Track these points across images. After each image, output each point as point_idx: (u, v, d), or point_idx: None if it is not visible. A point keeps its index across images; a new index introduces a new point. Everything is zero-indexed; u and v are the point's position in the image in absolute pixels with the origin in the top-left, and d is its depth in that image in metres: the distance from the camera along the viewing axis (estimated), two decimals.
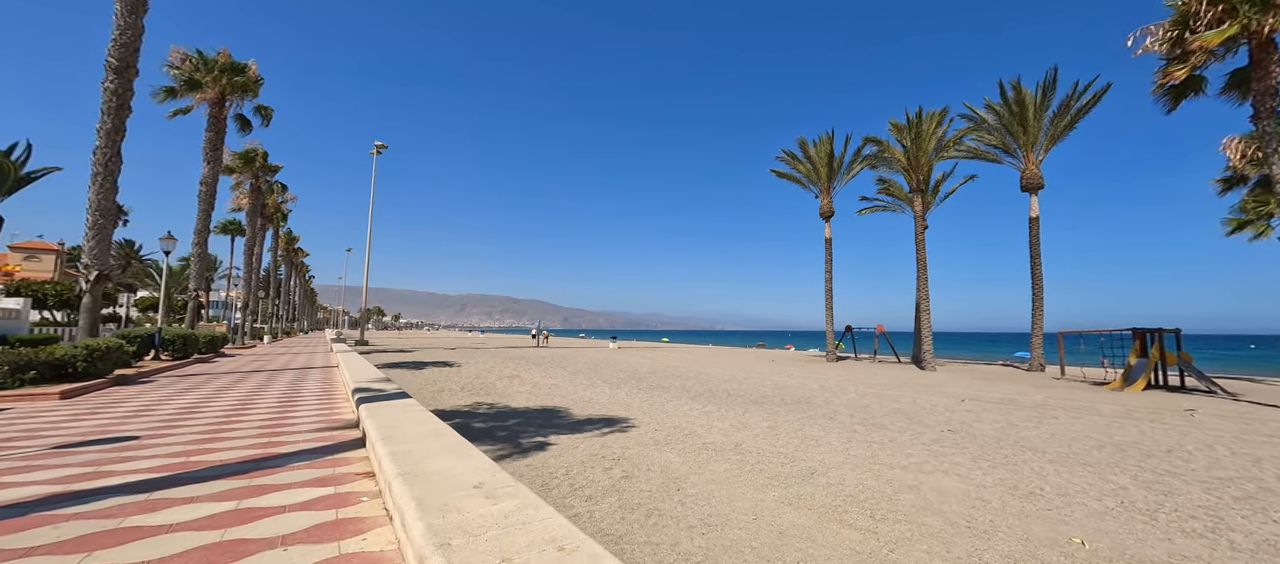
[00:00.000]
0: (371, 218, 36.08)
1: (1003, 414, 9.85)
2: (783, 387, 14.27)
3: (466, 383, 13.41)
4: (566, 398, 11.01)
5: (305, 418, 6.18)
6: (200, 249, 21.00)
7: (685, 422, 8.45)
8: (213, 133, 21.27)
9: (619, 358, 26.65)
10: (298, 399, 7.73)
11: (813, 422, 8.71)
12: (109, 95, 11.84)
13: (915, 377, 18.14)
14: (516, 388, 12.59)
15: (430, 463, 3.00)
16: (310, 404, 7.25)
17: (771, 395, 12.29)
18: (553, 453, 6.11)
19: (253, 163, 31.14)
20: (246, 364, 15.51)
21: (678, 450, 6.40)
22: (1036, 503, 4.65)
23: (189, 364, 15.41)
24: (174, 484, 3.47)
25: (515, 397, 10.99)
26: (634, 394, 11.96)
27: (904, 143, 21.60)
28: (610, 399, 11.01)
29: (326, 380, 10.65)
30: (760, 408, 10.19)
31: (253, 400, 7.66)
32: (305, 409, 6.77)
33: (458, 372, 16.42)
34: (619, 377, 16.21)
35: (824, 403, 11.03)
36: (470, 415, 8.60)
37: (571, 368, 19.25)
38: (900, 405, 10.83)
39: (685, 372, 18.74)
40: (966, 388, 14.70)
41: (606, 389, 12.78)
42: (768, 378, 16.95)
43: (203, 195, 21.08)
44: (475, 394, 11.29)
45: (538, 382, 14.11)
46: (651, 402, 10.78)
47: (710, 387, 13.97)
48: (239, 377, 11.69)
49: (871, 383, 15.76)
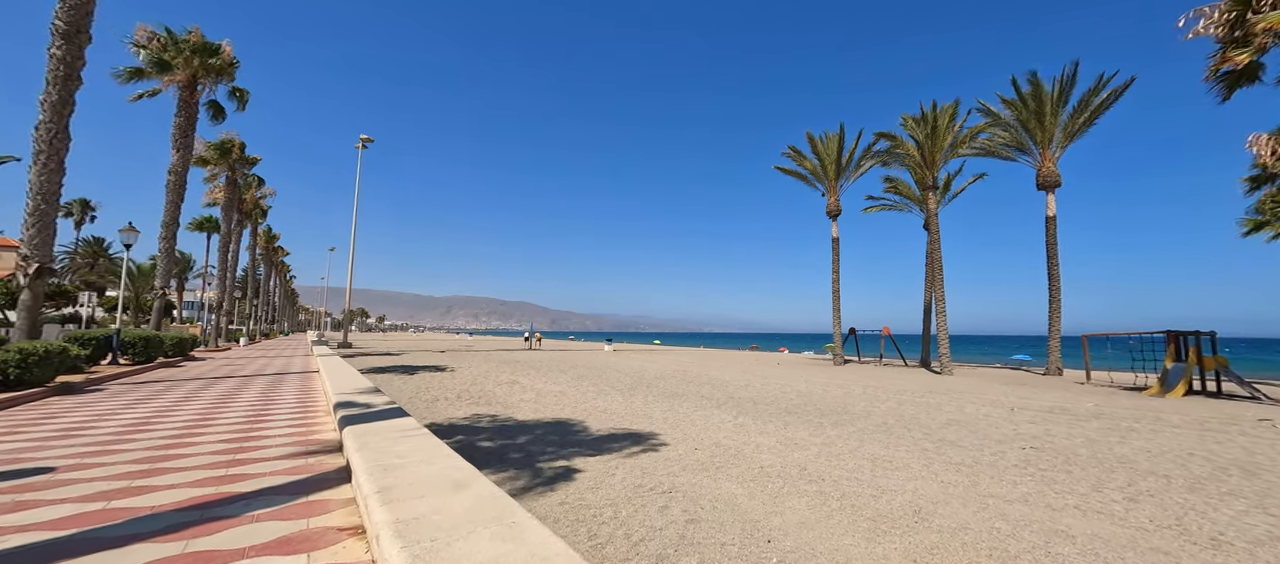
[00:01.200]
0: (356, 213, 34.49)
1: (1070, 426, 8.88)
2: (806, 393, 13.22)
3: (463, 390, 12.14)
4: (577, 408, 9.81)
5: (276, 438, 4.94)
6: (168, 244, 19.37)
7: (723, 437, 7.32)
8: (183, 118, 19.67)
9: (619, 361, 25.46)
10: (268, 413, 6.45)
11: (867, 436, 7.64)
12: (56, 63, 10.39)
13: (938, 382, 17.23)
14: (519, 396, 11.36)
15: (459, 546, 1.83)
16: (283, 419, 5.99)
17: (801, 404, 11.22)
18: (585, 483, 4.94)
19: (229, 154, 29.37)
20: (216, 369, 14.05)
21: (735, 478, 5.27)
22: (1232, 556, 3.60)
23: (151, 369, 13.92)
24: (69, 554, 2.25)
25: (520, 407, 9.77)
26: (651, 402, 10.81)
27: (917, 138, 20.78)
28: (627, 408, 9.84)
29: (304, 388, 9.34)
30: (799, 420, 9.11)
31: (215, 414, 6.37)
32: (276, 426, 5.51)
33: (452, 377, 15.11)
34: (627, 382, 15.04)
35: (864, 413, 9.98)
36: (473, 430, 7.38)
37: (573, 372, 18.03)
38: (950, 415, 9.82)
39: (694, 376, 17.63)
40: (1002, 394, 13.79)
41: (619, 397, 11.61)
42: (785, 383, 15.90)
43: (172, 185, 19.47)
44: (474, 404, 10.04)
45: (541, 389, 12.89)
46: (674, 412, 9.64)
47: (730, 393, 12.87)
48: (205, 384, 10.31)
49: (901, 389, 14.80)
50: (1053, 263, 20.22)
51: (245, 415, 6.27)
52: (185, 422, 5.84)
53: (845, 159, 25.22)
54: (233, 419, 5.99)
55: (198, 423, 5.76)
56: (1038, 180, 20.62)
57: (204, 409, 6.80)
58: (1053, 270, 20.20)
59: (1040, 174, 20.50)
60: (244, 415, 6.27)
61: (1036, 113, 19.88)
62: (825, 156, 25.30)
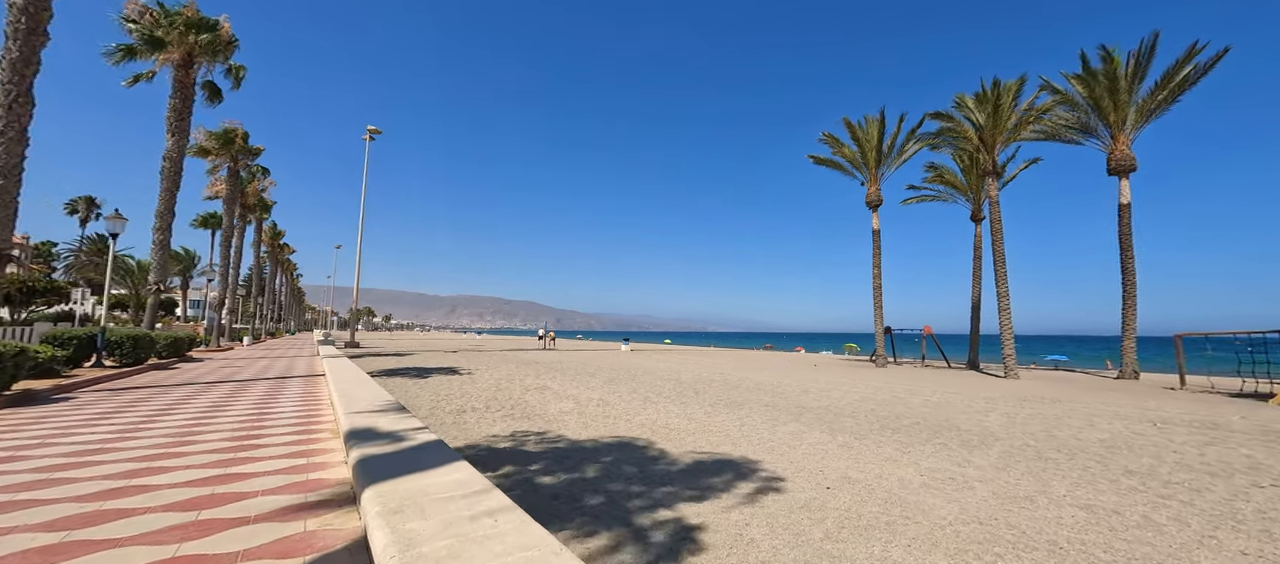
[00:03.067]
0: (363, 207, 33.06)
1: (1249, 447, 7.16)
2: (886, 402, 11.52)
3: (490, 398, 10.53)
4: (633, 422, 8.17)
5: (262, 480, 3.36)
6: (162, 235, 17.90)
7: (846, 467, 5.67)
8: (178, 100, 18.19)
9: (644, 362, 23.80)
10: (259, 434, 4.87)
11: (1032, 468, 5.96)
12: (16, 14, 8.84)
13: (1014, 387, 15.43)
14: (557, 406, 9.73)
15: None
16: (276, 444, 4.41)
17: (889, 415, 9.53)
18: (722, 555, 3.30)
19: (231, 144, 27.92)
20: (212, 372, 12.53)
21: (934, 546, 3.61)
22: None
23: (140, 372, 12.43)
24: None
25: (565, 421, 8.13)
26: (714, 414, 9.15)
27: (974, 119, 19.00)
28: (692, 422, 8.19)
29: (308, 396, 7.76)
30: (913, 439, 7.43)
31: (192, 435, 4.83)
32: (266, 458, 3.92)
33: (471, 381, 13.51)
34: (670, 388, 13.39)
35: (986, 431, 8.28)
36: (522, 457, 5.74)
37: (603, 375, 16.40)
38: (1098, 434, 8.10)
39: (737, 380, 15.96)
40: (1113, 404, 12.04)
41: (673, 407, 9.96)
42: (846, 388, 14.21)
43: (167, 173, 18.00)
44: (509, 416, 8.41)
45: (577, 396, 11.26)
46: (750, 427, 7.99)
47: (795, 401, 11.20)
48: (196, 390, 8.78)
49: (986, 396, 13.06)
50: (1127, 255, 18.40)
51: (229, 438, 4.68)
52: (150, 447, 4.29)
53: (887, 145, 23.46)
54: (211, 445, 4.40)
55: (166, 449, 4.20)
56: (1109, 164, 18.79)
57: (181, 427, 5.23)
58: (1127, 263, 18.39)
59: (1112, 157, 18.66)
60: (227, 438, 4.68)
61: (1110, 89, 18.05)
62: (865, 143, 23.53)
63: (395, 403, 5.20)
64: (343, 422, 4.22)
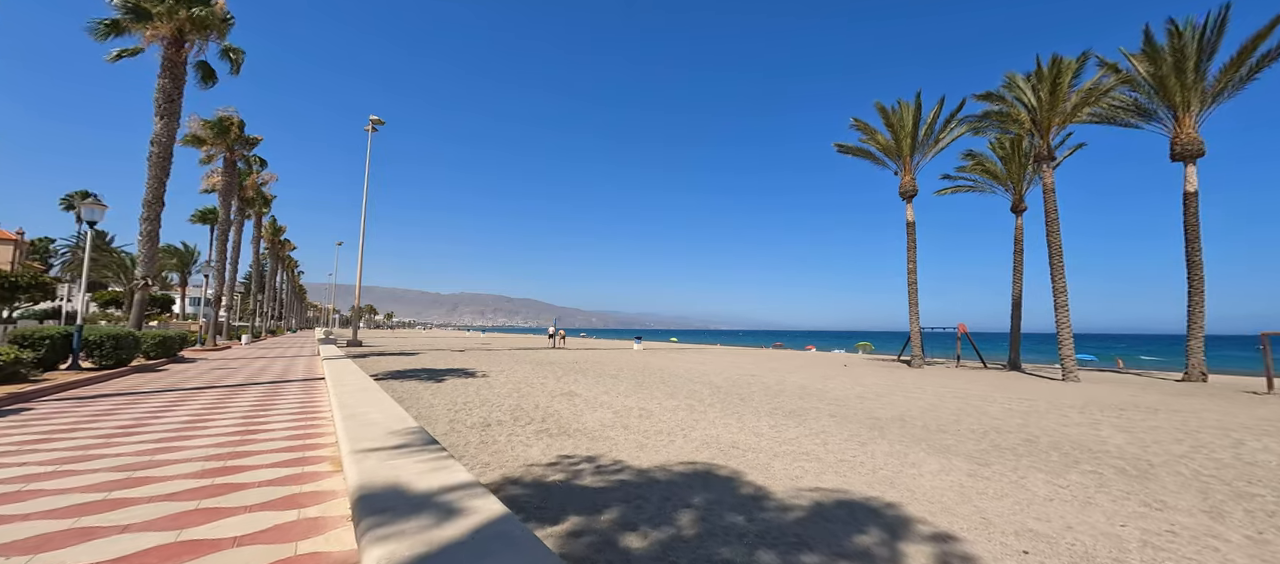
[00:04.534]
0: (366, 202, 31.73)
1: None
2: (962, 412, 10.14)
3: (514, 406, 9.16)
4: (695, 439, 6.78)
5: (227, 555, 1.97)
6: (150, 226, 16.54)
7: (1002, 508, 4.29)
8: (167, 80, 16.82)
9: (664, 362, 22.41)
10: (240, 462, 3.54)
11: (1230, 513, 4.59)
12: None
13: (1091, 392, 13.93)
14: (594, 417, 8.35)
15: None
16: (259, 485, 3.04)
17: (989, 432, 8.15)
18: None
19: (227, 133, 26.54)
20: (201, 375, 11.21)
21: None
22: None
23: (121, 375, 11.12)
24: None
25: (612, 438, 6.75)
26: (784, 428, 7.76)
27: (1026, 101, 17.50)
28: (764, 440, 6.81)
29: (305, 407, 6.40)
30: (1047, 464, 6.05)
31: (155, 464, 3.53)
32: (241, 508, 2.53)
33: (488, 385, 12.15)
34: (710, 393, 12.01)
35: (1116, 452, 6.89)
36: (581, 498, 4.35)
37: (628, 378, 15.02)
38: (1226, 455, 6.73)
39: (777, 384, 14.58)
40: (1223, 412, 10.64)
41: (730, 419, 8.57)
42: (905, 395, 12.82)
43: (155, 158, 16.65)
44: (544, 431, 7.04)
45: (613, 404, 9.89)
46: (835, 445, 6.61)
47: (863, 411, 9.82)
48: (177, 398, 7.47)
49: (1075, 405, 11.66)
50: (1193, 247, 16.96)
51: (196, 475, 3.31)
52: (87, 488, 2.92)
53: (922, 132, 21.99)
54: (166, 491, 3.03)
55: (116, 485, 2.83)
56: (1173, 149, 17.32)
57: (140, 454, 3.91)
58: (1194, 256, 16.94)
59: (1177, 142, 17.19)
60: (194, 475, 3.31)
61: (1176, 67, 16.58)
62: (899, 129, 22.06)
63: (417, 430, 3.82)
64: (350, 469, 2.84)
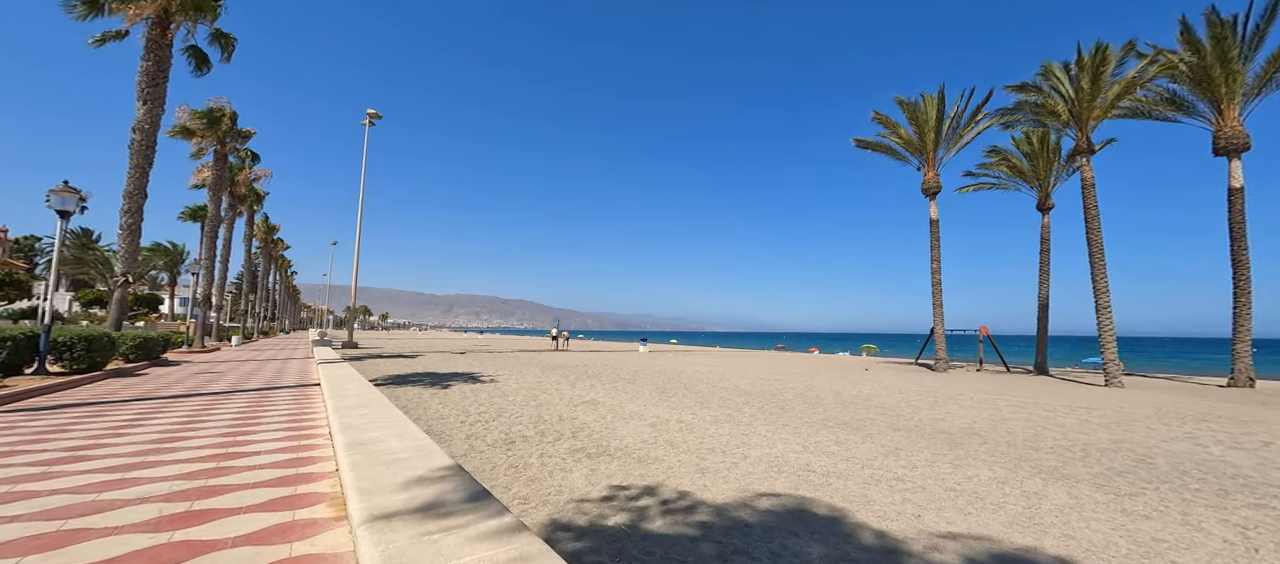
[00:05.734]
0: (362, 198, 30.61)
1: None
2: (1039, 426, 9.19)
3: (536, 418, 8.14)
4: (761, 461, 5.79)
5: None
6: (131, 219, 15.39)
7: None
8: (151, 63, 15.67)
9: (678, 366, 21.40)
10: (213, 497, 2.45)
11: None
12: None
13: (1152, 400, 13.04)
14: (629, 431, 7.34)
15: None
16: (234, 548, 1.99)
17: (1087, 449, 7.21)
18: None
19: (218, 125, 25.32)
20: (183, 380, 10.09)
21: None
22: None
23: (93, 381, 10.01)
24: None
25: (660, 459, 5.75)
26: (852, 446, 6.78)
27: (1064, 91, 16.62)
28: (839, 462, 5.83)
29: (297, 419, 5.35)
30: (1208, 498, 5.10)
31: (100, 506, 2.44)
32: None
33: (499, 391, 11.11)
34: (744, 401, 11.03)
35: (1246, 475, 5.95)
36: (653, 547, 3.34)
37: (646, 383, 14.01)
38: None
39: (811, 391, 13.62)
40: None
41: (785, 433, 7.58)
42: (961, 406, 11.89)
43: (137, 146, 15.50)
44: (578, 449, 6.02)
45: (644, 414, 8.87)
46: (925, 469, 5.64)
47: (924, 422, 8.86)
48: (150, 409, 6.41)
49: (1153, 415, 10.77)
50: (1239, 246, 16.15)
51: (147, 528, 2.26)
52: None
53: (948, 124, 21.11)
54: (105, 551, 1.99)
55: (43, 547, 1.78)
56: (1217, 144, 16.52)
57: (73, 497, 2.81)
58: (1240, 255, 16.13)
59: (1220, 136, 16.39)
60: (144, 528, 2.26)
61: (1220, 58, 15.78)
62: (923, 123, 21.18)
63: (453, 469, 2.80)
64: (368, 546, 1.81)
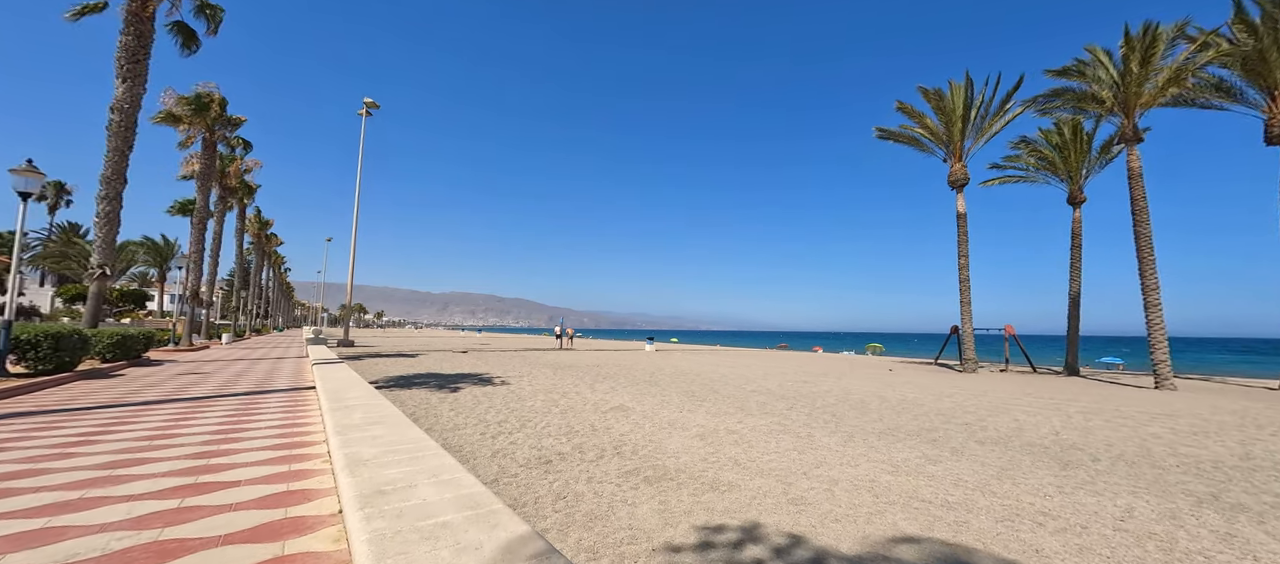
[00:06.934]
0: (359, 191, 29.40)
1: None
2: (1145, 441, 8.20)
3: (564, 427, 7.07)
4: (869, 490, 4.75)
5: None
6: (109, 206, 14.18)
7: None
8: (130, 37, 14.44)
9: (692, 366, 20.35)
10: None
11: None
12: None
13: (1220, 405, 12.15)
14: (683, 446, 6.28)
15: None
16: None
17: (1213, 468, 6.21)
18: None
19: (206, 111, 24.05)
20: (164, 383, 8.93)
21: None
22: None
23: (62, 383, 8.86)
24: None
25: (741, 486, 4.70)
26: (950, 462, 5.75)
27: (1110, 76, 15.64)
28: (945, 491, 4.80)
29: (288, 432, 4.24)
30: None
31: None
32: None
33: (515, 395, 10.02)
34: (786, 407, 9.99)
35: None
36: None
37: (673, 386, 12.95)
38: None
39: (844, 394, 12.62)
40: None
41: (860, 448, 6.54)
42: (1023, 411, 10.91)
43: (115, 127, 14.28)
44: (635, 474, 4.96)
45: (690, 424, 7.81)
46: (1057, 498, 4.63)
47: (1005, 435, 7.85)
48: (116, 418, 5.28)
49: (1239, 423, 9.81)
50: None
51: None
52: None
53: (976, 112, 20.14)
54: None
55: None
56: (1269, 132, 15.62)
57: None
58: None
59: (1275, 124, 15.49)
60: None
61: (1277, 40, 14.87)
62: (951, 112, 20.20)
63: (540, 555, 1.72)
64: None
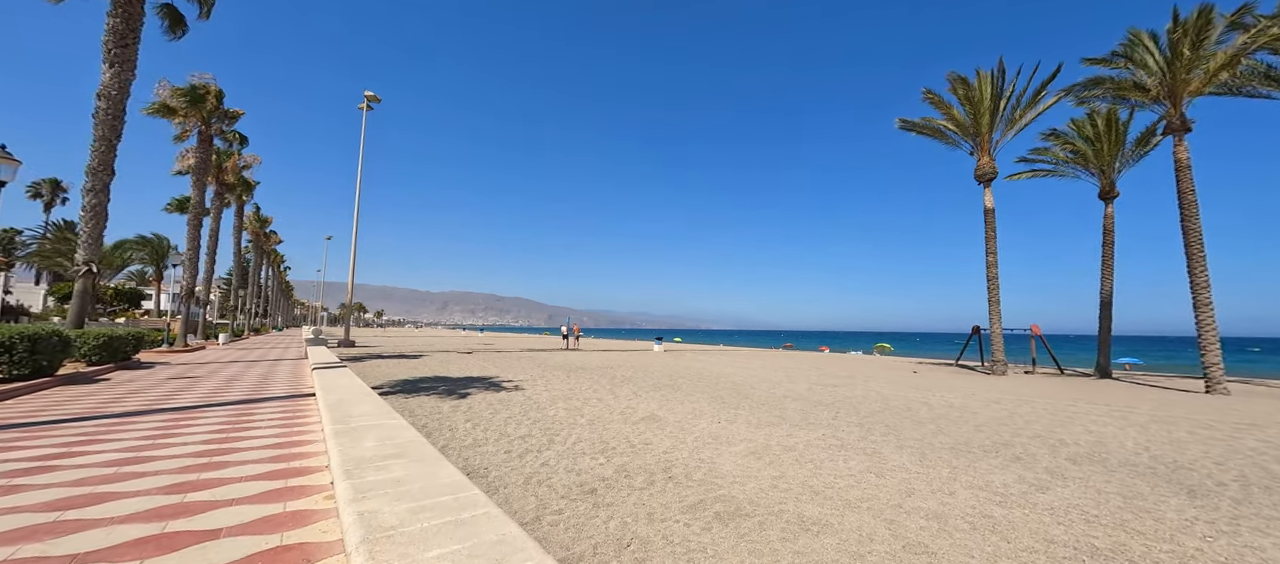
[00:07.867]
0: (360, 187, 28.54)
1: None
2: (1251, 456, 7.36)
3: (598, 443, 6.21)
4: (985, 529, 3.91)
5: None
6: (95, 199, 13.33)
7: None
8: (118, 19, 13.59)
9: (708, 368, 19.50)
10: None
11: None
12: None
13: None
14: (741, 468, 5.43)
15: None
16: None
17: None
18: None
19: (202, 103, 23.16)
20: (151, 389, 8.06)
21: None
22: None
23: (38, 390, 8.04)
24: None
25: (837, 525, 3.86)
26: (1061, 489, 4.91)
27: (1155, 62, 14.77)
28: (1079, 535, 3.97)
29: (283, 451, 3.38)
30: None
31: None
32: None
33: (532, 403, 9.15)
34: (829, 415, 9.13)
35: None
36: None
37: (697, 390, 12.09)
38: None
39: (882, 400, 11.77)
40: None
41: (942, 470, 5.69)
42: (1093, 421, 10.07)
43: (102, 115, 13.43)
44: (701, 510, 4.11)
45: (734, 438, 6.96)
46: (1220, 543, 3.78)
47: (1103, 454, 7.01)
48: (89, 434, 4.40)
49: None
50: None
51: None
52: None
53: (1006, 101, 19.28)
54: None
55: None
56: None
57: None
58: None
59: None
60: None
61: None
62: (979, 102, 19.35)
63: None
64: None
